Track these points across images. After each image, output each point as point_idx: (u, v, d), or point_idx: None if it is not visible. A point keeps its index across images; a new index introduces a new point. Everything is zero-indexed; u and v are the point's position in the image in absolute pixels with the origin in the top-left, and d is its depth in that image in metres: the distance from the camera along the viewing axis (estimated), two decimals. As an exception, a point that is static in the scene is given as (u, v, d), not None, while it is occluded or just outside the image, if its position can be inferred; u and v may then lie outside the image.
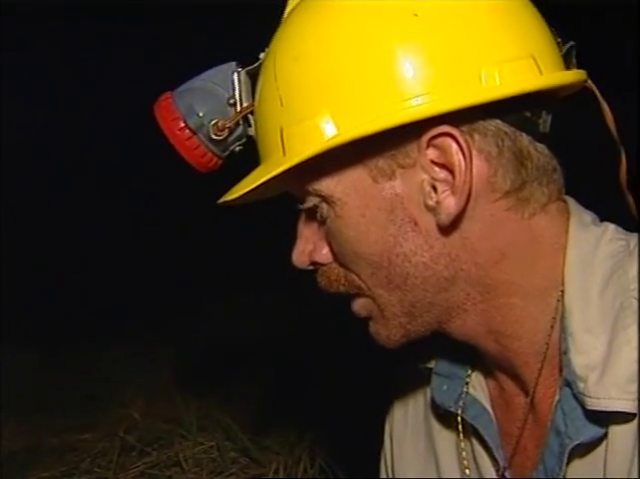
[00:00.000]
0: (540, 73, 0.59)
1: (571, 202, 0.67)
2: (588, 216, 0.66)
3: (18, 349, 2.22)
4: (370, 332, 0.70)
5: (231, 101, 0.70)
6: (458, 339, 0.68)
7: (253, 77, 0.70)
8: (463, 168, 0.58)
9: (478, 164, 0.59)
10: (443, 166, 0.59)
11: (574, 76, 0.62)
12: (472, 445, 0.74)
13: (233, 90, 0.71)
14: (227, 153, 0.73)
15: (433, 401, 0.76)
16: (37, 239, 2.85)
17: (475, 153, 0.59)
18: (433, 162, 0.60)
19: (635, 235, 0.64)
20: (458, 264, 0.62)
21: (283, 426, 1.77)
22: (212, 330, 2.39)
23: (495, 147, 0.59)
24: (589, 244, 0.63)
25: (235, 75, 0.71)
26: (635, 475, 0.57)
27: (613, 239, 0.63)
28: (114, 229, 2.94)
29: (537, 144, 0.61)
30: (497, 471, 0.70)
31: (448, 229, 0.61)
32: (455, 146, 0.58)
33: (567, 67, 0.65)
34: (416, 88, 0.57)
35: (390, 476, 0.86)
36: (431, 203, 0.60)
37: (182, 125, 0.70)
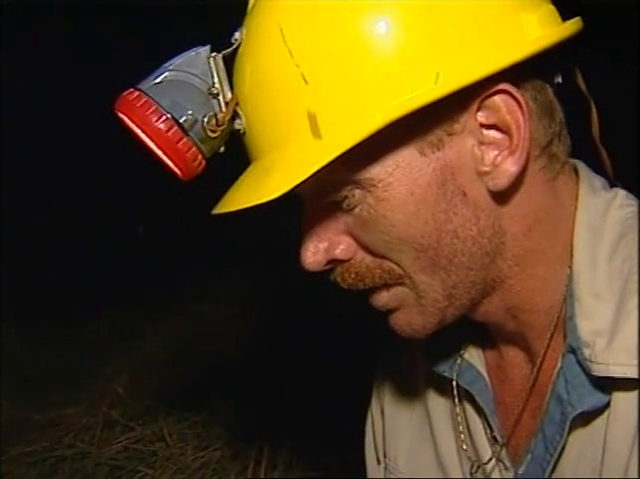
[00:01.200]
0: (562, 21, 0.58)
1: (581, 165, 0.65)
2: (598, 180, 0.65)
3: (1, 325, 2.20)
4: (394, 324, 0.65)
5: (214, 91, 0.61)
6: (476, 320, 0.66)
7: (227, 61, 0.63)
8: (522, 124, 0.55)
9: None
10: (492, 127, 0.57)
11: (580, 22, 0.61)
12: (465, 411, 0.72)
13: (213, 78, 0.61)
14: (211, 154, 0.63)
15: (427, 367, 0.74)
16: (21, 217, 2.81)
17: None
18: (482, 125, 0.57)
19: None
20: (499, 237, 0.59)
21: (268, 402, 1.77)
22: (198, 309, 2.38)
23: (534, 101, 0.58)
24: (599, 210, 0.61)
25: (212, 61, 0.61)
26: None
27: (623, 204, 0.62)
28: (101, 202, 2.91)
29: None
30: (492, 439, 0.69)
31: (497, 196, 0.58)
32: (510, 102, 0.55)
33: None
34: (465, 50, 0.54)
35: (380, 446, 0.85)
36: (485, 168, 0.57)
37: (172, 124, 0.59)
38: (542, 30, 0.56)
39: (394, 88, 0.53)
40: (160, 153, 0.60)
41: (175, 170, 0.61)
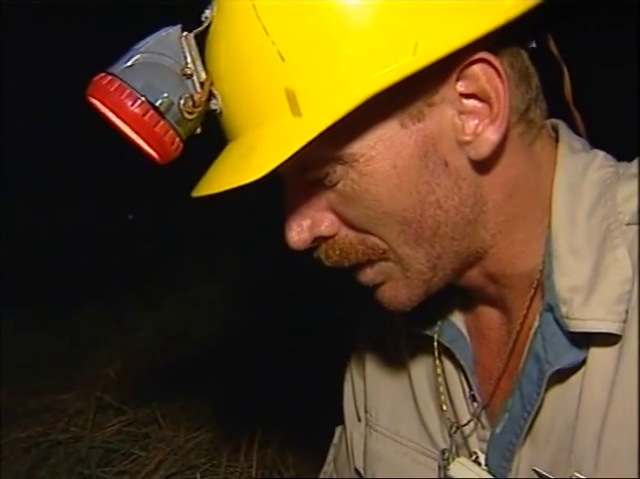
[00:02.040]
0: None
1: (562, 126, 0.66)
2: (578, 142, 0.65)
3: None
4: (381, 298, 0.65)
5: (187, 71, 0.59)
6: (456, 285, 0.67)
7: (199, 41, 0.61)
8: (501, 92, 0.55)
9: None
10: (471, 96, 0.57)
11: None
12: (444, 371, 0.73)
13: (186, 58, 0.60)
14: (188, 136, 0.62)
15: (409, 327, 0.75)
16: (17, 205, 2.81)
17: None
18: (462, 94, 0.57)
19: (624, 163, 0.63)
20: (480, 205, 0.60)
21: (260, 383, 1.78)
22: (190, 294, 2.38)
23: (510, 67, 0.58)
24: (577, 170, 0.62)
25: (184, 41, 0.60)
26: (617, 397, 0.56)
27: (602, 165, 0.62)
28: (94, 190, 2.91)
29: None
30: (472, 399, 0.70)
31: (477, 164, 0.58)
32: (489, 71, 0.55)
33: None
34: (443, 19, 0.53)
35: (361, 404, 0.85)
36: (466, 137, 0.57)
37: (148, 108, 0.57)
38: None
39: (372, 61, 0.53)
40: (136, 137, 0.59)
41: (153, 154, 0.60)
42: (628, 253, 0.57)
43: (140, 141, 0.59)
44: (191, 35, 0.60)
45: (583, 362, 0.59)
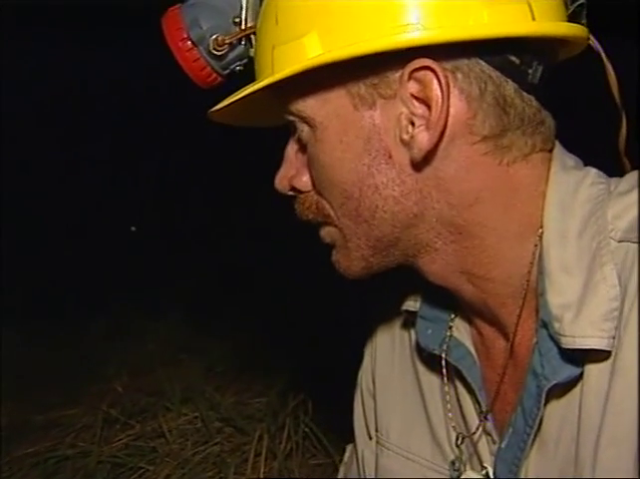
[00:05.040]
0: (533, 20, 0.58)
1: (557, 146, 0.67)
2: (571, 159, 0.66)
3: (0, 327, 2.20)
4: (332, 260, 0.71)
5: (236, 19, 0.72)
6: (429, 280, 0.68)
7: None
8: (439, 104, 0.58)
9: (456, 103, 0.59)
10: (422, 101, 0.59)
11: (568, 29, 0.61)
12: (455, 388, 0.74)
13: (240, 9, 0.72)
14: (228, 71, 0.75)
15: (417, 344, 0.76)
16: (18, 216, 2.82)
17: (455, 92, 0.59)
18: (413, 95, 0.60)
19: (616, 179, 0.64)
20: (429, 203, 0.62)
21: (266, 394, 1.79)
22: (195, 307, 2.39)
23: (477, 89, 0.59)
24: (569, 187, 0.63)
25: None
26: (609, 412, 0.57)
27: (594, 182, 0.63)
28: (99, 204, 2.92)
29: (524, 93, 0.61)
30: (480, 414, 0.71)
31: (420, 165, 0.61)
32: (435, 81, 0.58)
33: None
34: (402, 18, 0.57)
35: (371, 422, 0.86)
36: (406, 137, 0.60)
37: (185, 36, 0.72)
38: (491, 20, 0.57)
39: (328, 39, 0.59)
40: (177, 57, 0.73)
41: (188, 74, 0.73)
42: (617, 271, 0.58)
43: (180, 62, 0.73)
44: None
45: (581, 376, 0.60)
